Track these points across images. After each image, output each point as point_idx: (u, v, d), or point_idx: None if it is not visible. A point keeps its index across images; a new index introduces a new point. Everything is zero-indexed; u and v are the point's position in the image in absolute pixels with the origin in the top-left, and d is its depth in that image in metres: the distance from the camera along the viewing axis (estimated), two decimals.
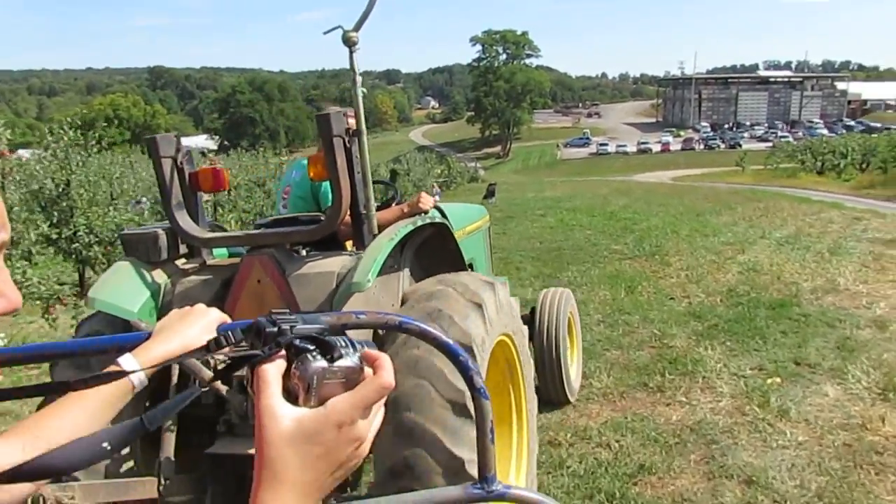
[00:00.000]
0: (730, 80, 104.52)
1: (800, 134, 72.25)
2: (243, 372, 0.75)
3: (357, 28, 2.45)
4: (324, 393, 0.64)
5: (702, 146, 74.57)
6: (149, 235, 2.63)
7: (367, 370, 0.66)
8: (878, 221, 13.83)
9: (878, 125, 75.43)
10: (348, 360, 0.65)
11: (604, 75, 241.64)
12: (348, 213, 2.56)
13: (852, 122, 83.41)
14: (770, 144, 65.47)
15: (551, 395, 4.00)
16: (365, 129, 2.55)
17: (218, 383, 2.12)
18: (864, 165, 36.18)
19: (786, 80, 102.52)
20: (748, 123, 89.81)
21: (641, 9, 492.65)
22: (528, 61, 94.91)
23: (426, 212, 2.89)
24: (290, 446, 0.62)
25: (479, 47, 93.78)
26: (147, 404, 2.08)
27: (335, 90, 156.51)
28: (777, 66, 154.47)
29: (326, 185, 2.89)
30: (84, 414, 0.86)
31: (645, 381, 4.42)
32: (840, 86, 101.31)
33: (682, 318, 5.98)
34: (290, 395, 0.64)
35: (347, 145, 2.50)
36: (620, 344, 5.31)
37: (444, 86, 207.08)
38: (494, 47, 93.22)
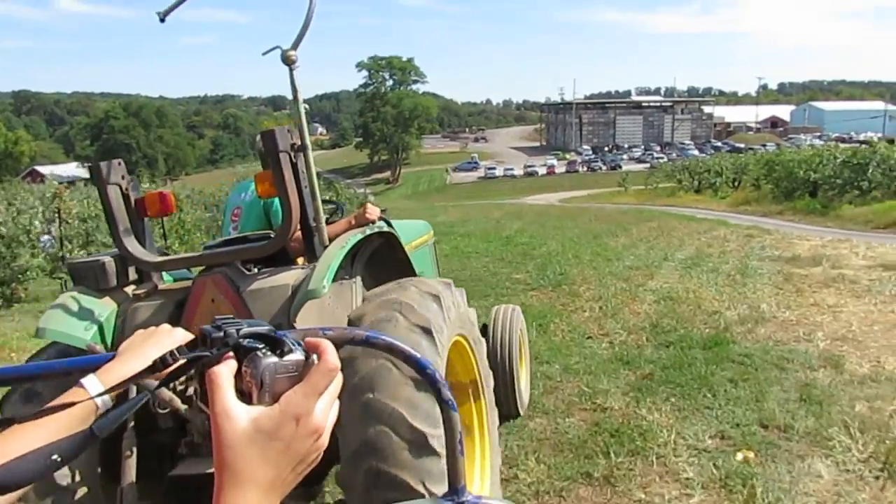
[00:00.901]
0: (607, 105, 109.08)
1: (673, 155, 75.96)
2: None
3: (295, 46, 2.50)
4: (276, 389, 0.64)
5: (585, 168, 76.83)
6: (97, 263, 2.60)
7: (314, 359, 0.66)
8: (770, 238, 13.81)
9: (742, 145, 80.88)
10: (297, 354, 0.65)
11: (488, 101, 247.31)
12: (298, 227, 2.58)
13: (719, 144, 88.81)
14: (648, 165, 68.37)
15: (503, 408, 3.82)
16: (309, 144, 2.56)
17: (178, 403, 2.12)
18: (736, 183, 37.96)
19: (658, 104, 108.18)
20: (626, 146, 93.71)
21: (521, 38, 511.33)
22: (414, 87, 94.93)
23: (373, 222, 2.92)
24: (250, 446, 0.61)
25: (365, 73, 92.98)
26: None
27: (218, 116, 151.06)
28: (648, 92, 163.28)
29: (277, 201, 2.89)
30: (44, 436, 0.76)
31: (587, 469, 3.34)
32: (707, 109, 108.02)
33: (609, 366, 5.03)
34: (244, 396, 0.64)
35: (293, 160, 2.51)
36: (545, 408, 4.27)
37: (331, 112, 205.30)
38: (381, 73, 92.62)
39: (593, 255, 11.50)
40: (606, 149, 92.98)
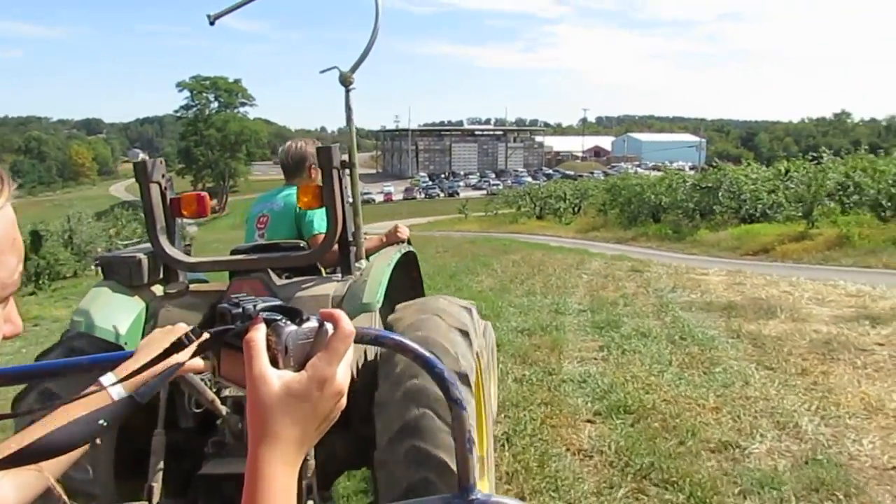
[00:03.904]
0: (443, 133, 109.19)
1: (509, 182, 76.45)
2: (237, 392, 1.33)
3: (353, 70, 2.72)
4: (298, 354, 0.69)
5: (422, 195, 75.06)
6: (133, 259, 2.63)
7: (327, 326, 0.71)
8: (660, 273, 11.33)
9: (572, 172, 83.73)
10: (312, 322, 0.71)
11: (323, 129, 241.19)
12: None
13: (551, 171, 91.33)
14: (485, 192, 67.94)
15: None
16: (357, 163, 2.70)
17: (219, 404, 2.13)
18: (576, 209, 37.22)
19: (491, 132, 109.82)
20: (462, 173, 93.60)
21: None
22: (242, 110, 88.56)
23: (404, 241, 3.12)
24: (283, 407, 0.67)
25: (187, 94, 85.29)
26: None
27: (19, 139, 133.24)
28: (480, 122, 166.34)
29: (312, 213, 2.99)
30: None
31: None
32: (538, 138, 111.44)
33: None
34: (270, 362, 0.69)
35: (342, 176, 2.60)
36: None
37: (154, 137, 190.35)
38: (205, 94, 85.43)
39: None
40: (443, 175, 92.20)
